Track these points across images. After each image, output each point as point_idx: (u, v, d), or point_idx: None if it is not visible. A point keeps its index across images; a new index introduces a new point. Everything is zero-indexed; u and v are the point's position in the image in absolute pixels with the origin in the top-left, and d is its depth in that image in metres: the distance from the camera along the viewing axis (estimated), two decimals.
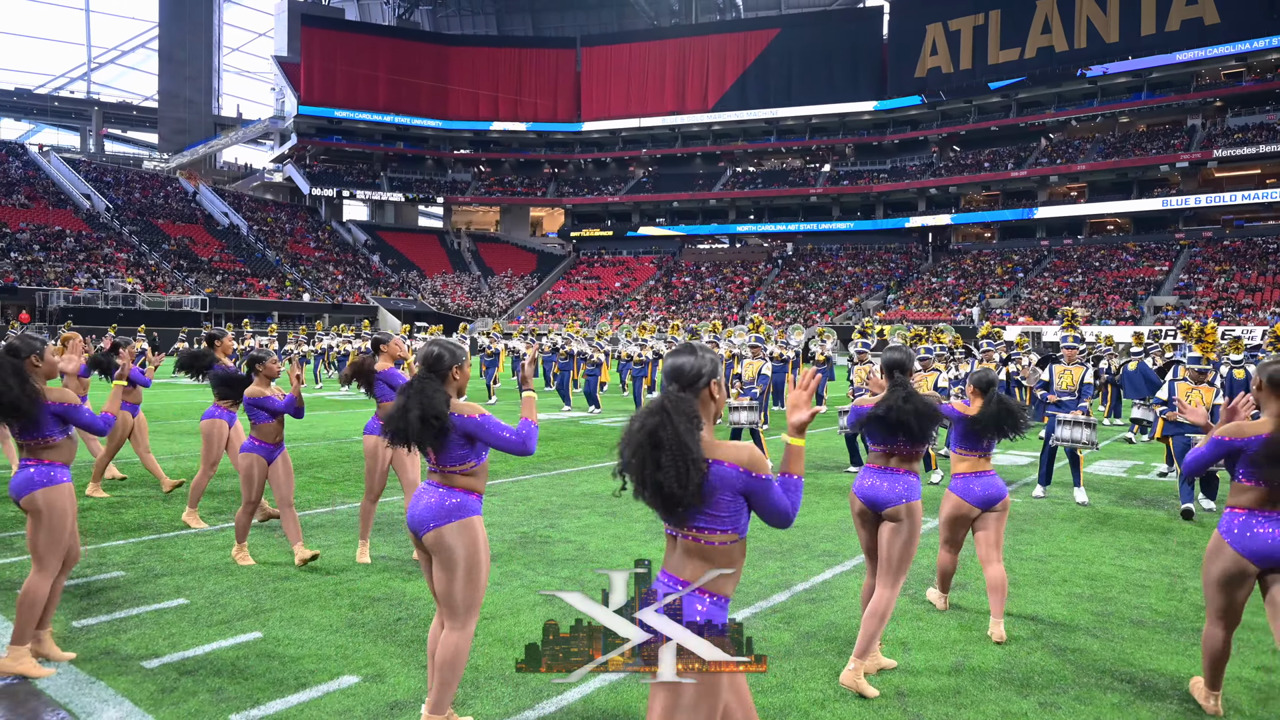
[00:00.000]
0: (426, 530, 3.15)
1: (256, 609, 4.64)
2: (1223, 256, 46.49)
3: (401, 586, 5.12)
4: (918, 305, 50.11)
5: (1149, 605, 5.07)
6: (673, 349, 2.65)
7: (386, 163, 70.63)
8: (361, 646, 4.16)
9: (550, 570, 5.60)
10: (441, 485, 3.22)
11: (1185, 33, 50.58)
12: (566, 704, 3.62)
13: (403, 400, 3.14)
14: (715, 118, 66.84)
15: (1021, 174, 54.69)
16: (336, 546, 5.99)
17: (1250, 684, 3.96)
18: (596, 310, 58.40)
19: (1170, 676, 4.04)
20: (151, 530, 6.35)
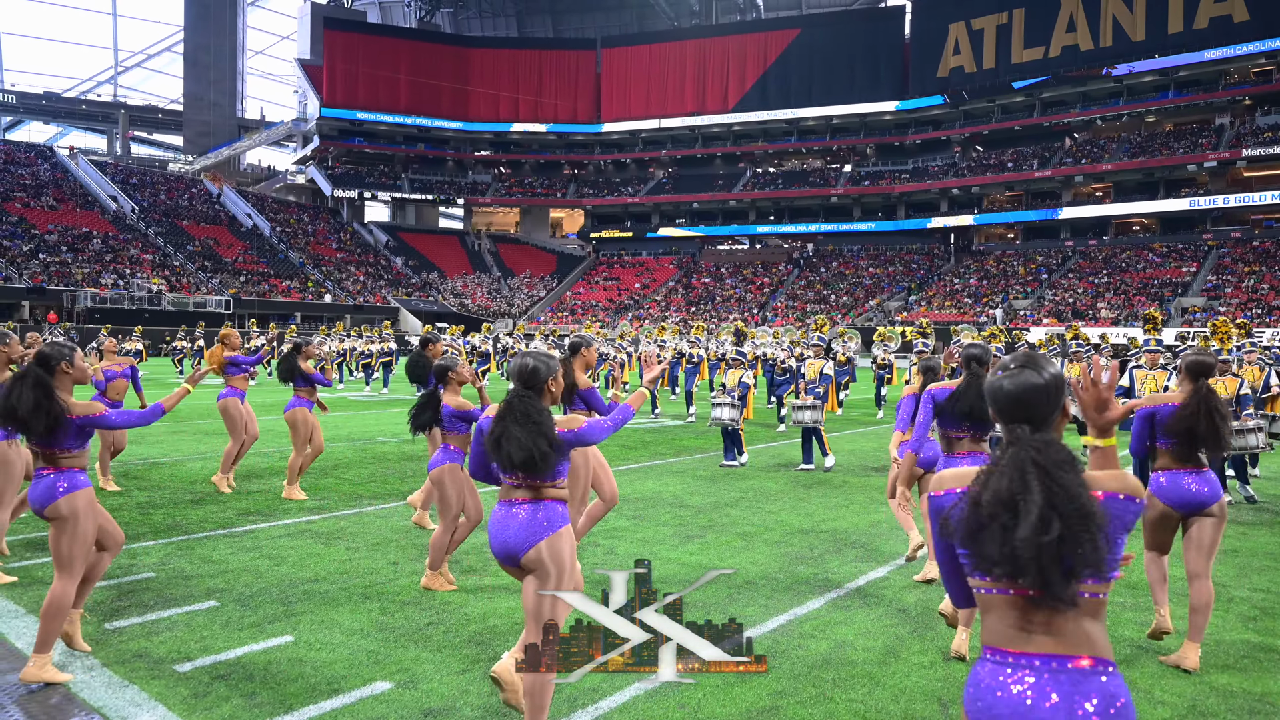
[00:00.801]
0: (527, 550, 3.08)
1: (287, 612, 4.61)
2: (1252, 257, 45.69)
3: (431, 590, 5.07)
4: (940, 306, 49.65)
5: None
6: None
7: (408, 164, 71.00)
8: (393, 652, 4.11)
9: (585, 572, 5.53)
10: (527, 501, 3.14)
11: (1214, 30, 49.76)
12: (601, 713, 3.55)
13: (504, 425, 3.03)
14: (735, 118, 66.63)
15: (1046, 174, 54.05)
16: (363, 549, 5.96)
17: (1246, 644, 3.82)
18: (616, 311, 58.36)
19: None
20: (180, 531, 6.36)
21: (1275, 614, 4.96)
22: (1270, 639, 4.57)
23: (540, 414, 3.06)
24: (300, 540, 6.15)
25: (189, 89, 76.75)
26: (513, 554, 3.11)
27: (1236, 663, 4.24)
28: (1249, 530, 7.19)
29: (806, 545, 6.40)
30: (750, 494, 8.42)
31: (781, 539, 6.60)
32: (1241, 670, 4.14)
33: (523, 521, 3.10)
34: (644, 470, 9.78)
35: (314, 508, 7.27)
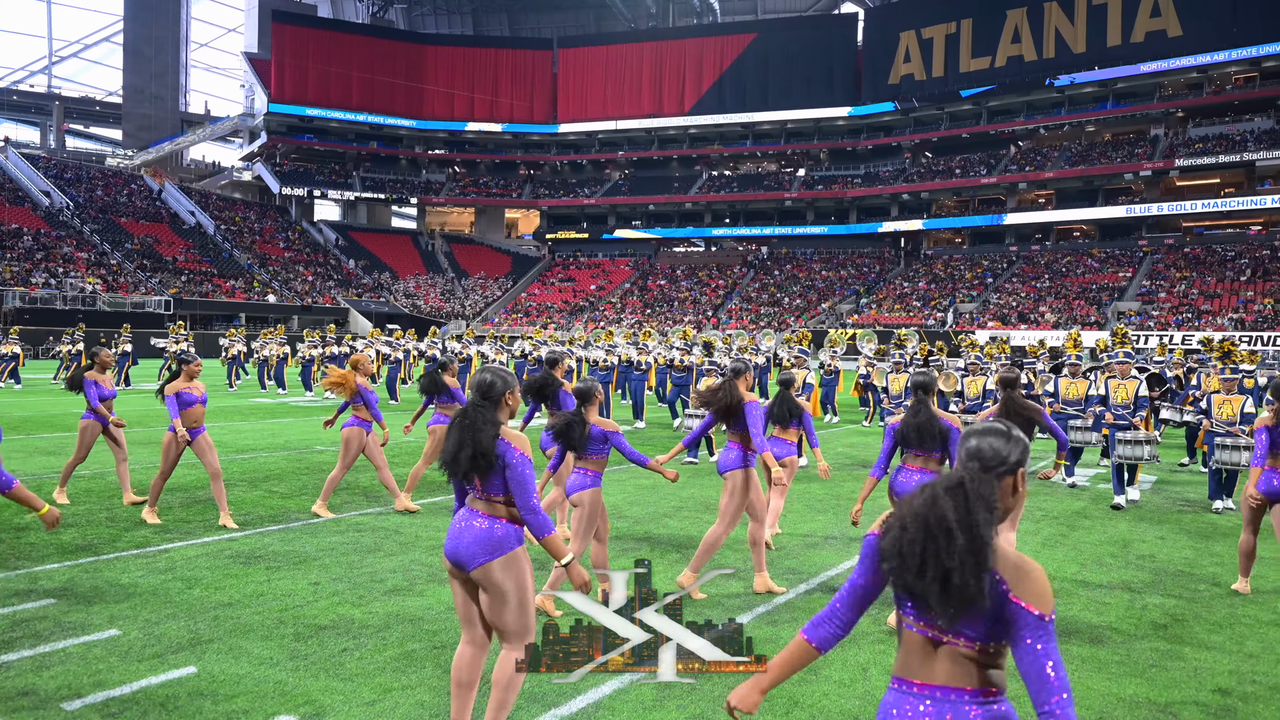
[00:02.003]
0: (475, 565, 3.13)
1: (194, 640, 4.44)
2: (1184, 263, 47.30)
3: (350, 613, 4.93)
4: (889, 309, 50.45)
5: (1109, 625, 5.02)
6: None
7: (359, 162, 69.86)
8: (303, 682, 3.98)
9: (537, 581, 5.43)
10: (485, 514, 3.20)
11: (1149, 44, 51.46)
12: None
13: (456, 434, 3.15)
14: (692, 121, 66.91)
15: (992, 180, 55.30)
16: (284, 569, 5.78)
17: (1206, 707, 3.91)
18: (571, 313, 58.16)
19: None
20: (90, 552, 6.10)
21: (1185, 621, 5.09)
22: (1179, 646, 4.67)
23: (484, 423, 3.15)
24: (218, 561, 5.95)
25: (129, 81, 74.40)
26: (462, 565, 3.17)
27: (1145, 671, 4.32)
28: (1167, 536, 7.38)
29: (740, 558, 6.39)
30: (690, 503, 8.40)
31: (717, 553, 6.58)
32: (1149, 679, 4.23)
33: (476, 535, 3.15)
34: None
35: (238, 523, 7.04)
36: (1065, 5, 53.94)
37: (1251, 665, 4.44)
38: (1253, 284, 43.14)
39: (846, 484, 9.86)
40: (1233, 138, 49.20)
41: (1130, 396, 8.88)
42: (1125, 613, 5.25)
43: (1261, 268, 44.56)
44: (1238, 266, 45.42)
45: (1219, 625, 5.05)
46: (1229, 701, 3.99)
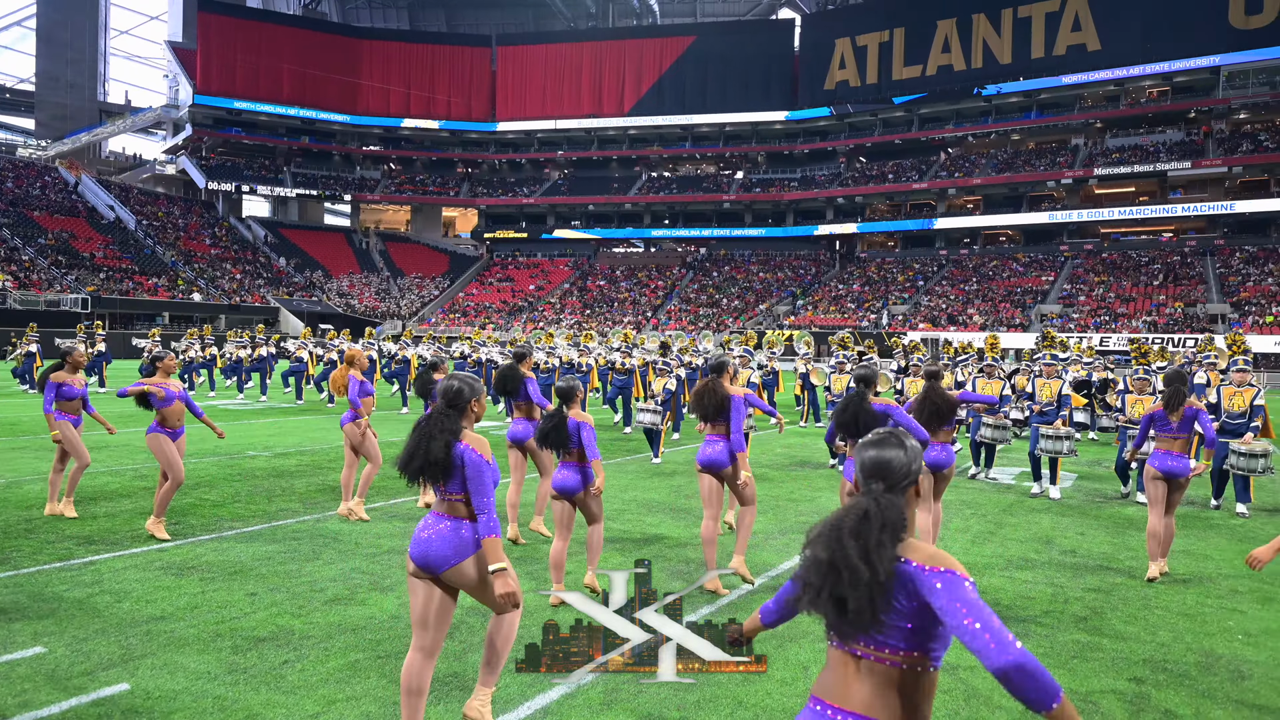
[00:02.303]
0: (447, 568, 3.22)
1: (125, 656, 4.30)
2: (1101, 268, 49.43)
3: (290, 624, 4.85)
4: (825, 311, 51.43)
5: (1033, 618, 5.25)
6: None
7: (290, 157, 68.05)
8: (243, 696, 3.90)
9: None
10: (448, 516, 3.29)
11: (1071, 57, 53.63)
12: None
13: (413, 441, 3.27)
14: (631, 122, 67.08)
15: (923, 186, 56.87)
16: (219, 580, 5.64)
17: (1123, 695, 4.13)
18: (510, 313, 57.73)
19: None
20: (9, 565, 5.84)
21: (1104, 614, 5.35)
22: (1097, 637, 4.92)
23: (441, 430, 3.25)
24: (148, 572, 5.76)
25: (42, 68, 71.03)
26: (433, 568, 3.23)
27: (1067, 663, 4.54)
28: (1087, 533, 7.74)
29: (682, 559, 6.48)
30: (632, 506, 8.46)
31: (660, 553, 6.65)
32: (1071, 670, 4.44)
33: (445, 539, 3.22)
34: (527, 483, 9.67)
35: (168, 533, 6.83)
36: (992, 17, 55.82)
37: (1164, 654, 4.70)
38: (1164, 288, 45.32)
39: (786, 484, 10.05)
40: (1146, 149, 51.61)
41: (1054, 395, 9.58)
42: (1049, 606, 5.50)
43: (1172, 273, 46.85)
44: (1151, 271, 47.66)
45: (1134, 616, 5.33)
46: (1143, 689, 4.22)
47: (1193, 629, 5.11)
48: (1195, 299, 43.16)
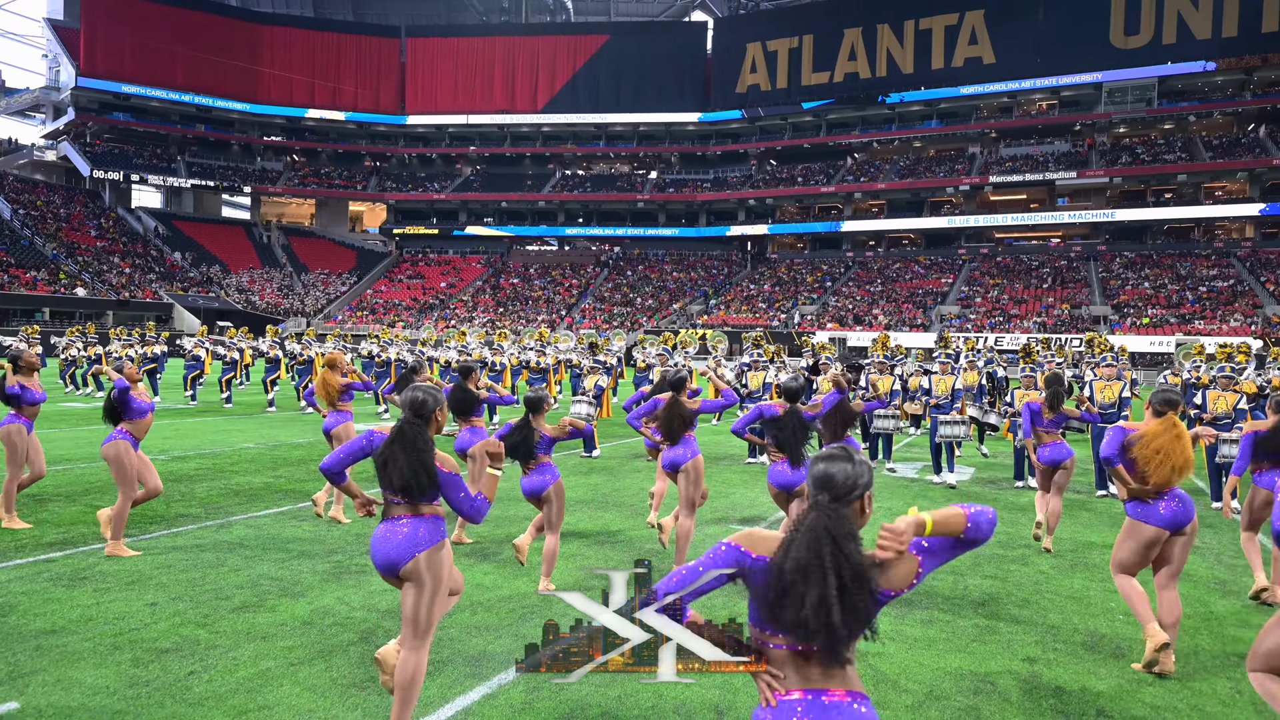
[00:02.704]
0: (406, 561, 3.35)
1: (14, 673, 4.06)
2: (996, 271, 51.98)
3: (195, 634, 4.66)
4: (737, 310, 52.35)
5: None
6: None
7: (185, 146, 64.86)
8: (145, 710, 3.73)
9: (369, 600, 5.31)
10: (409, 516, 3.41)
11: (968, 69, 56.20)
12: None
13: (399, 454, 3.35)
14: (545, 119, 66.67)
15: (830, 189, 58.55)
16: (115, 589, 5.37)
17: (1017, 674, 4.39)
18: (420, 311, 56.57)
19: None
20: None
21: (1000, 599, 5.67)
22: (994, 621, 5.21)
23: (425, 444, 3.37)
24: (36, 584, 5.43)
25: None
26: (393, 565, 3.36)
27: (967, 646, 4.79)
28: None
29: (601, 557, 6.52)
30: (577, 502, 8.42)
31: (576, 552, 6.67)
32: (970, 653, 4.69)
33: (405, 536, 3.36)
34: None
35: (56, 542, 6.46)
36: (896, 28, 57.91)
37: (1054, 635, 5.02)
38: (1053, 291, 48.00)
39: (704, 482, 10.20)
40: (1036, 158, 54.53)
41: (949, 390, 10.71)
42: (950, 594, 5.78)
43: (1060, 276, 49.66)
44: (1040, 275, 50.40)
45: (1026, 601, 5.66)
46: (1036, 668, 4.50)
47: (1079, 611, 5.47)
48: (1080, 301, 45.86)
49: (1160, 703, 4.11)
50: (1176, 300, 43.91)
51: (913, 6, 57.03)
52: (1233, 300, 42.75)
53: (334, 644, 4.60)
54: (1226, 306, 42.11)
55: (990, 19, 55.25)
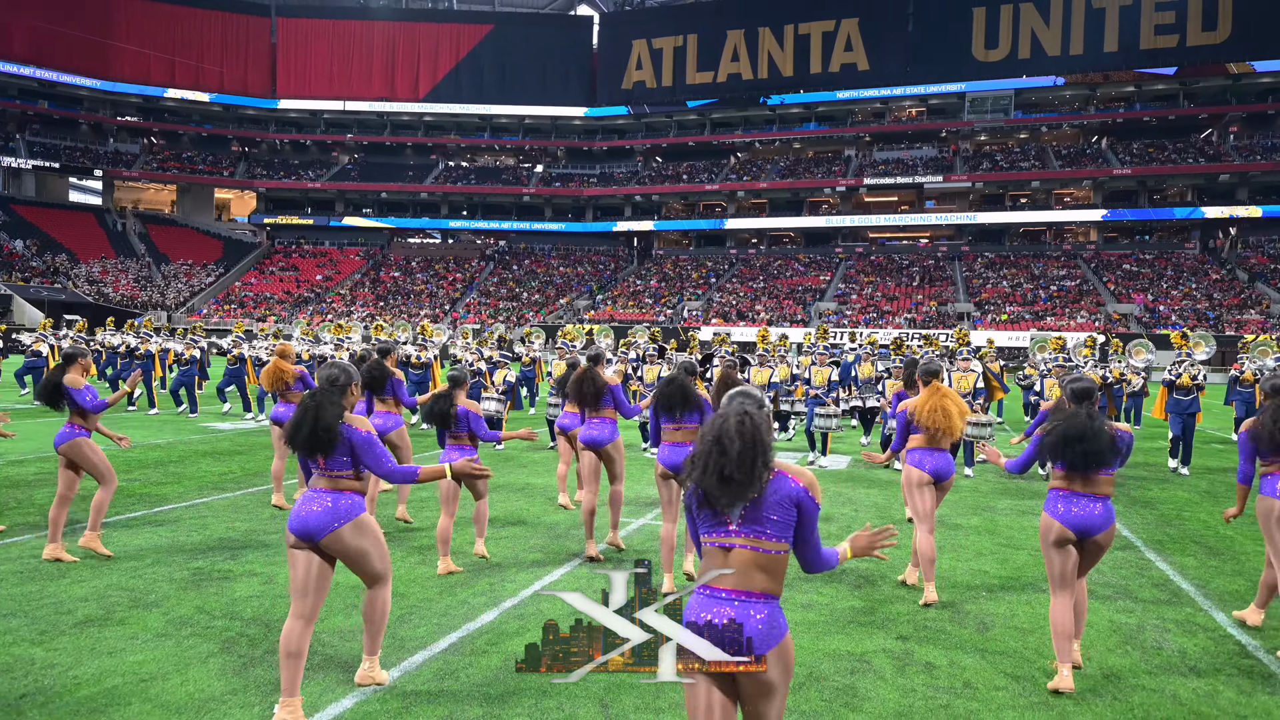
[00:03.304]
0: (325, 534, 3.55)
1: None
2: (871, 269, 54.38)
3: (29, 652, 4.23)
4: (624, 306, 52.61)
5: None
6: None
7: (25, 124, 59.48)
8: None
9: (231, 608, 4.98)
10: (329, 490, 3.62)
11: (844, 75, 58.48)
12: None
13: (300, 413, 3.57)
14: (427, 108, 64.92)
15: (715, 187, 59.68)
16: None
17: (892, 653, 4.56)
18: (295, 305, 54.03)
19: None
20: None
21: (875, 581, 5.88)
22: (870, 604, 5.39)
23: (329, 404, 3.60)
24: None
25: None
26: (310, 535, 3.55)
27: (845, 628, 4.94)
28: (860, 508, 8.48)
29: (555, 534, 6.40)
30: (492, 490, 8.18)
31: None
32: (848, 634, 4.84)
33: (326, 508, 3.56)
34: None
35: None
36: (776, 32, 59.58)
37: (923, 614, 5.24)
38: (922, 288, 50.62)
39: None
40: (907, 162, 57.34)
41: (825, 380, 11.25)
42: (829, 577, 5.95)
43: (928, 275, 52.43)
44: (910, 273, 53.05)
45: (897, 584, 5.90)
46: (908, 646, 4.68)
47: (945, 590, 5.74)
48: (946, 298, 48.57)
49: (1020, 673, 4.35)
50: (1031, 298, 47.16)
51: (792, 11, 58.84)
52: (1079, 298, 46.30)
53: (191, 657, 4.28)
54: (1074, 304, 45.55)
55: (864, 28, 57.68)
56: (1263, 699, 4.08)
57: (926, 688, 4.14)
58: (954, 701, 4.00)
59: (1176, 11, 52.18)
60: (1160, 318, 42.58)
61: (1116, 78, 54.34)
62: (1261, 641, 4.86)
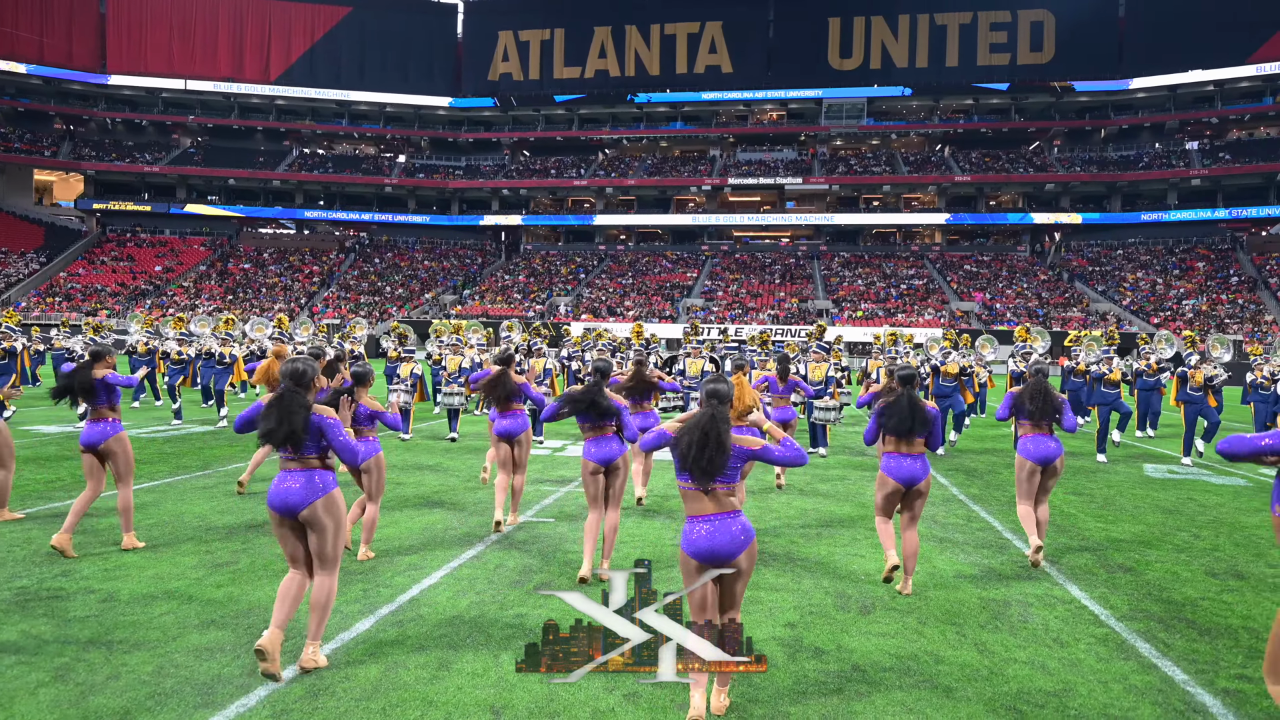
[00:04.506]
0: (305, 507, 4.01)
1: None
2: (735, 267, 55.87)
3: None
4: (492, 301, 51.66)
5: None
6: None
7: None
8: None
9: (64, 631, 4.43)
10: (301, 469, 4.06)
11: (709, 76, 59.76)
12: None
13: (276, 415, 3.98)
14: (279, 91, 61.30)
15: (583, 183, 59.57)
16: None
17: (781, 640, 4.60)
18: (130, 298, 49.79)
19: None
20: None
21: (759, 570, 5.94)
22: (757, 591, 5.42)
23: (298, 408, 4.00)
24: None
25: None
26: (292, 510, 4.01)
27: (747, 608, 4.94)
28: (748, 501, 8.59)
29: (474, 515, 6.05)
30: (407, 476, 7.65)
31: (450, 511, 6.07)
32: (745, 613, 4.84)
33: (302, 484, 4.02)
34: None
35: None
36: (643, 31, 60.11)
37: (808, 599, 5.33)
38: (783, 286, 52.48)
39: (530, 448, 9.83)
40: (768, 164, 59.25)
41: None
42: None
43: (789, 273, 54.42)
44: (773, 271, 54.89)
45: (782, 570, 5.99)
46: (795, 632, 4.74)
47: (828, 575, 5.88)
48: (806, 296, 50.57)
49: (902, 651, 4.49)
50: (883, 296, 49.84)
51: (658, 11, 59.55)
52: (926, 296, 49.34)
53: (16, 689, 3.76)
54: (922, 301, 48.50)
55: (728, 31, 59.13)
56: (1119, 664, 4.39)
57: (817, 672, 4.19)
58: (846, 685, 4.07)
59: (1008, 32, 56.60)
60: (997, 315, 46.00)
61: (957, 90, 58.25)
62: (1111, 611, 5.24)
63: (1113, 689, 4.07)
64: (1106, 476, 10.47)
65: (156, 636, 4.44)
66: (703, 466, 3.53)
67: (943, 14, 57.24)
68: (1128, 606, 5.31)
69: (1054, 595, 5.51)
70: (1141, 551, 6.71)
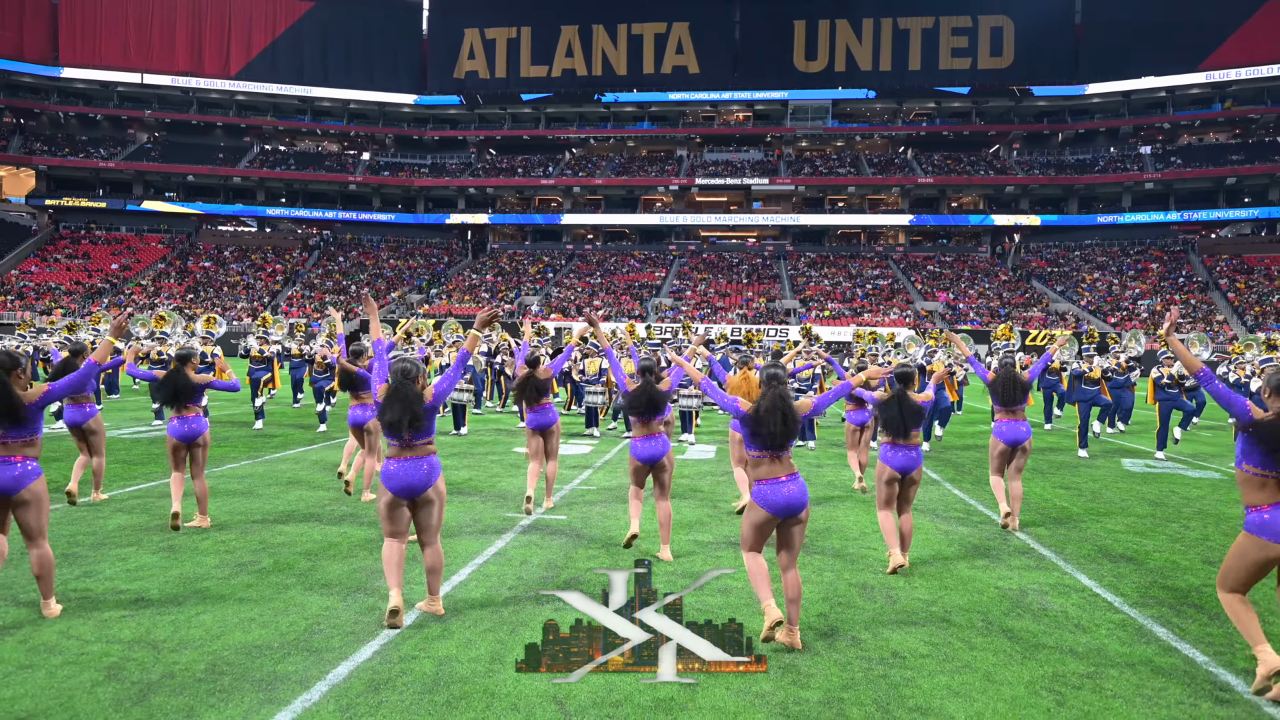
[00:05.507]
0: (427, 488, 4.65)
1: None
2: (703, 266, 56.17)
3: None
4: (459, 301, 51.28)
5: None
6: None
7: None
8: None
9: (105, 631, 4.39)
10: (419, 455, 4.65)
11: (676, 77, 60.01)
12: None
13: (401, 406, 4.56)
14: (240, 86, 60.16)
15: (550, 182, 59.42)
16: None
17: (818, 629, 4.73)
18: (86, 296, 48.49)
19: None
20: None
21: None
22: (734, 582, 5.55)
23: (414, 395, 4.63)
24: None
25: None
26: (415, 490, 4.62)
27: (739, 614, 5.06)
28: (721, 481, 8.72)
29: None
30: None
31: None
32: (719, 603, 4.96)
33: (424, 470, 4.63)
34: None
35: None
36: (610, 31, 60.15)
37: (833, 590, 5.47)
38: (751, 285, 52.91)
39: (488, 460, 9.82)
40: (735, 164, 59.67)
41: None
42: (702, 567, 6.09)
43: (756, 273, 54.87)
44: (740, 271, 55.30)
45: (803, 564, 6.12)
46: (830, 622, 4.87)
47: (847, 567, 6.03)
48: (774, 295, 51.05)
49: (935, 639, 4.65)
50: (850, 295, 50.51)
51: (626, 11, 59.64)
52: (891, 296, 50.12)
53: (73, 687, 3.74)
54: (887, 301, 49.25)
55: (694, 32, 59.43)
56: (1142, 648, 4.59)
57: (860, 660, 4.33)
58: (889, 672, 4.21)
59: (969, 37, 57.76)
60: (961, 314, 46.92)
61: (920, 94, 59.24)
62: (1123, 598, 5.47)
63: (1140, 671, 4.27)
64: (1090, 471, 10.82)
65: (200, 635, 4.43)
66: (780, 436, 4.34)
67: (906, 18, 58.21)
68: (1137, 594, 5.54)
69: (1066, 584, 5.72)
70: (1138, 542, 6.98)
